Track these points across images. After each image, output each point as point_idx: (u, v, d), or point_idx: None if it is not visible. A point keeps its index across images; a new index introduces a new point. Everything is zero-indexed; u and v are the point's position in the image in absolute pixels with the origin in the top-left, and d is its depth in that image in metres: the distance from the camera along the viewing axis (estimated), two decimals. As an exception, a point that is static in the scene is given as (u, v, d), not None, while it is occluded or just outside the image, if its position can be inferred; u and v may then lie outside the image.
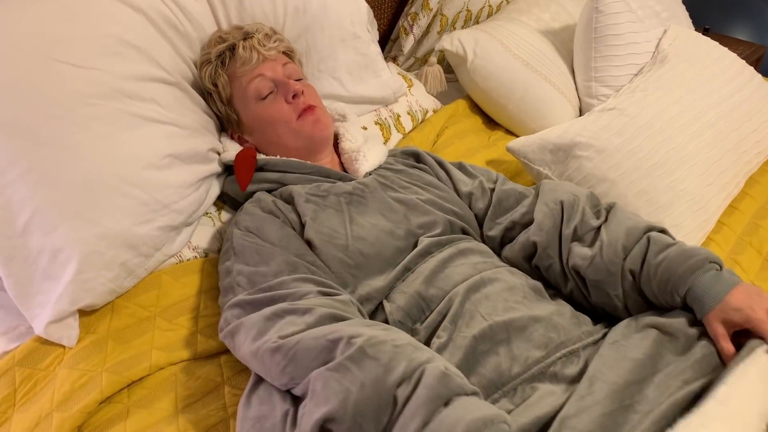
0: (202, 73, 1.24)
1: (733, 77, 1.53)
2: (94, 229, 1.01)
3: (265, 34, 1.24)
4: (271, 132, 1.22)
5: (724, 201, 1.38)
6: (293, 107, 1.20)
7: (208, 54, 1.23)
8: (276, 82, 1.21)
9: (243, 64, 1.20)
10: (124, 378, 1.00)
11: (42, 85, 1.01)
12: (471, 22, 1.95)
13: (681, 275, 0.91)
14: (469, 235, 1.16)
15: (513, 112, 1.69)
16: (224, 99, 1.24)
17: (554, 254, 1.06)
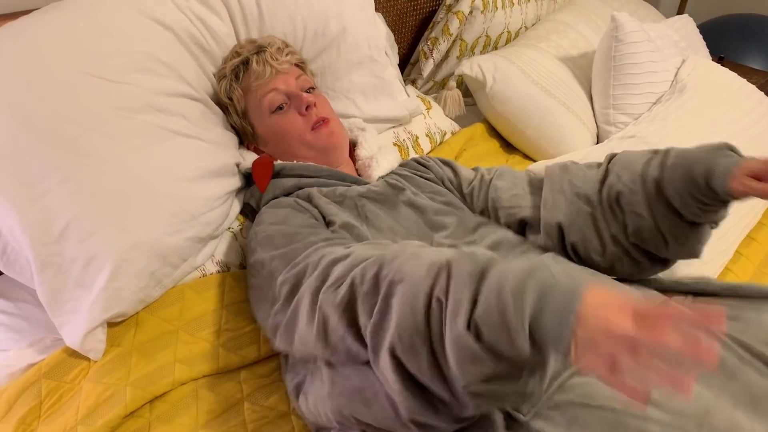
0: (219, 88, 1.28)
1: (752, 109, 1.54)
2: (127, 238, 1.03)
3: (278, 47, 1.27)
4: (286, 143, 1.25)
5: (742, 231, 1.39)
6: (306, 119, 1.22)
7: (224, 68, 1.27)
8: (289, 94, 1.23)
9: (257, 78, 1.23)
10: (148, 393, 1.01)
11: (79, 99, 1.03)
12: (490, 48, 1.97)
13: (698, 159, 0.95)
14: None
15: (531, 136, 1.70)
16: (239, 112, 1.27)
17: (589, 229, 1.06)
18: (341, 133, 1.26)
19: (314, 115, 1.22)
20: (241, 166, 1.27)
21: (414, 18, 1.94)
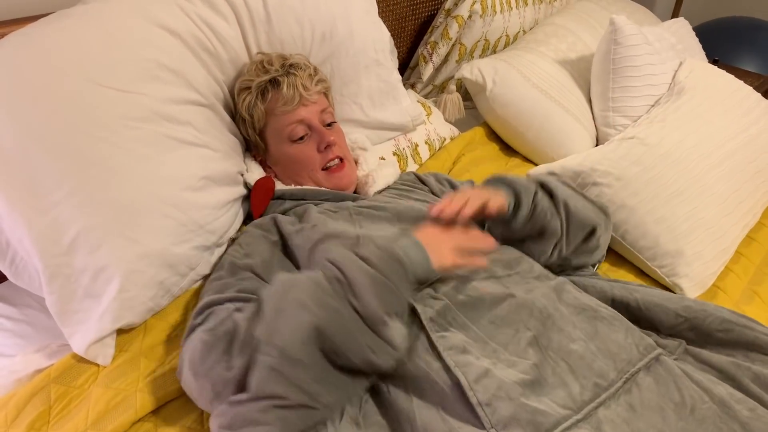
0: (238, 100, 1.27)
1: (750, 109, 1.56)
2: (136, 249, 1.03)
3: (309, 74, 1.26)
4: (295, 171, 1.27)
5: (742, 231, 1.40)
6: (322, 156, 1.25)
7: (249, 81, 1.25)
8: (312, 128, 1.25)
9: (284, 103, 1.23)
10: (156, 399, 1.01)
11: (87, 109, 1.04)
12: (489, 52, 1.99)
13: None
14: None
15: (531, 140, 1.71)
16: (257, 129, 1.28)
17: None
18: (351, 174, 1.29)
19: (332, 153, 1.25)
20: (245, 177, 1.28)
21: (413, 22, 1.95)
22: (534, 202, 1.12)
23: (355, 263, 0.90)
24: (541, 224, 1.13)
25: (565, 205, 1.15)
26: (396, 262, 0.91)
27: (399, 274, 0.91)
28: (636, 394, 0.89)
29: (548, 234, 1.14)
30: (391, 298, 0.89)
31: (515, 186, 1.12)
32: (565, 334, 0.95)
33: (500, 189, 1.11)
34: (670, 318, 1.06)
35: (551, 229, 1.14)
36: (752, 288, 1.34)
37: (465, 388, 0.86)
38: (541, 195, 1.14)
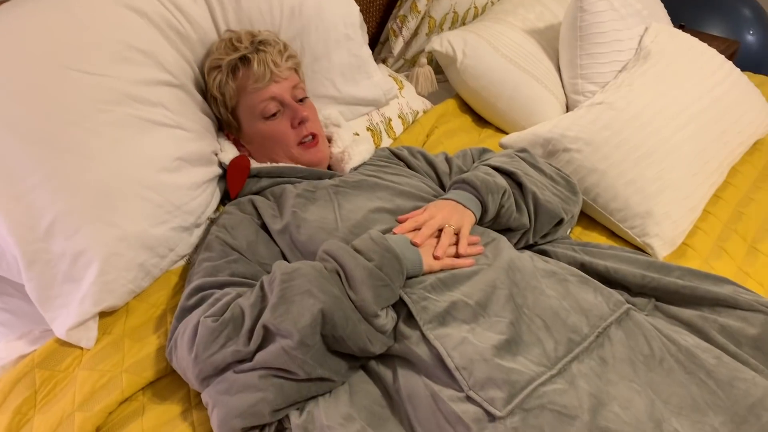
0: (209, 79, 1.27)
1: (714, 71, 1.59)
2: (114, 232, 1.04)
3: (279, 50, 1.26)
4: (270, 148, 1.27)
5: (709, 190, 1.44)
6: (296, 132, 1.25)
7: (219, 60, 1.25)
8: (284, 104, 1.25)
9: (255, 80, 1.23)
10: (143, 379, 1.03)
11: (57, 93, 1.03)
12: (458, 24, 1.99)
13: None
14: None
15: (503, 110, 1.73)
16: (229, 107, 1.27)
17: None
18: (325, 150, 1.31)
19: (305, 129, 1.25)
20: (219, 157, 1.28)
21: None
22: (501, 204, 1.15)
23: (352, 256, 0.94)
24: (506, 224, 1.17)
25: (534, 199, 1.17)
26: (393, 258, 0.95)
27: (395, 270, 0.95)
28: (608, 347, 0.92)
29: (515, 228, 1.18)
30: (386, 292, 0.93)
31: (481, 192, 1.13)
32: (539, 291, 0.98)
33: (465, 195, 1.14)
34: (637, 279, 1.10)
35: (517, 225, 1.18)
36: (720, 245, 1.38)
37: (443, 356, 0.89)
38: (509, 194, 1.16)
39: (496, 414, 0.81)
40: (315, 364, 0.89)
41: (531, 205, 1.18)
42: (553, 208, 1.19)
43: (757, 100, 1.63)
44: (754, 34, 3.08)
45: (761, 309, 1.01)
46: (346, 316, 0.90)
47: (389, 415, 0.93)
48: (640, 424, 0.81)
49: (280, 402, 0.89)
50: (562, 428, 0.80)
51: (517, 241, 1.20)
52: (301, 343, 0.87)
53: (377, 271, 0.93)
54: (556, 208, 1.20)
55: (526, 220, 1.18)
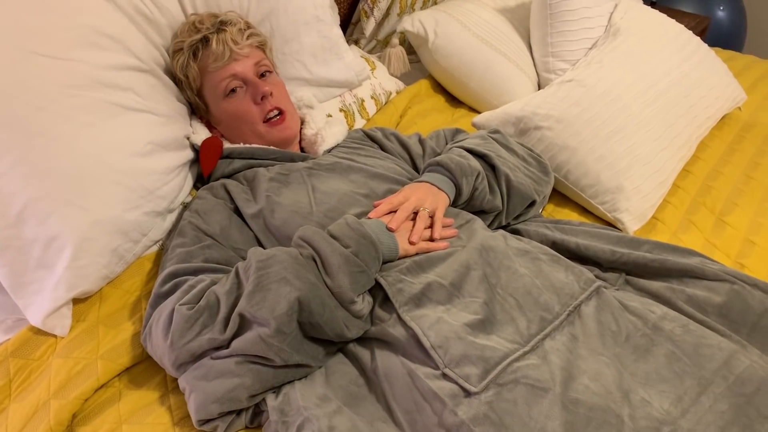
0: (173, 62, 1.26)
1: (682, 47, 1.61)
2: (87, 217, 1.03)
3: (239, 28, 1.25)
4: (237, 128, 1.27)
5: (678, 164, 1.46)
6: (260, 108, 1.24)
7: (181, 42, 1.25)
8: (246, 81, 1.24)
9: (215, 59, 1.22)
10: (118, 365, 1.03)
11: (25, 78, 1.02)
12: (430, 3, 1.99)
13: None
14: None
15: (475, 89, 1.74)
16: (194, 89, 1.27)
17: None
18: (294, 126, 1.29)
19: (269, 104, 1.24)
20: (191, 139, 1.27)
21: (352, -23, 1.93)
22: (474, 186, 1.16)
23: (328, 243, 0.94)
24: (480, 206, 1.19)
25: (507, 181, 1.19)
26: (369, 244, 0.97)
27: (371, 255, 0.96)
28: (578, 324, 0.95)
29: (488, 210, 1.20)
30: (362, 278, 0.95)
31: (455, 175, 1.14)
32: (512, 271, 1.00)
33: (440, 180, 1.14)
34: (607, 255, 1.12)
35: (490, 207, 1.20)
36: (688, 218, 1.41)
37: (419, 335, 0.91)
38: (483, 177, 1.18)
39: (471, 390, 0.83)
40: (292, 351, 0.90)
41: (504, 187, 1.20)
42: (525, 189, 1.21)
43: (724, 74, 1.65)
44: (725, 10, 3.11)
45: (726, 278, 1.04)
46: (323, 303, 0.91)
47: (366, 394, 0.95)
48: (609, 394, 0.84)
49: (258, 387, 0.90)
50: (535, 401, 0.82)
51: (491, 223, 1.22)
52: (278, 331, 0.88)
53: (353, 257, 0.94)
54: (529, 189, 1.22)
55: (499, 202, 1.20)
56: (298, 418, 0.87)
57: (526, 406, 0.82)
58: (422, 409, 0.87)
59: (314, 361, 0.95)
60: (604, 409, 0.81)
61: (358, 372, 0.98)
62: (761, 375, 0.88)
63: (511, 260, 1.03)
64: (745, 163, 1.59)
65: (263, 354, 0.89)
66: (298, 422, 0.87)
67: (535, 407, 0.81)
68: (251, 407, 0.93)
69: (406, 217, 1.06)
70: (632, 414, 0.82)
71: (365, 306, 0.96)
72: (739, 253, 1.31)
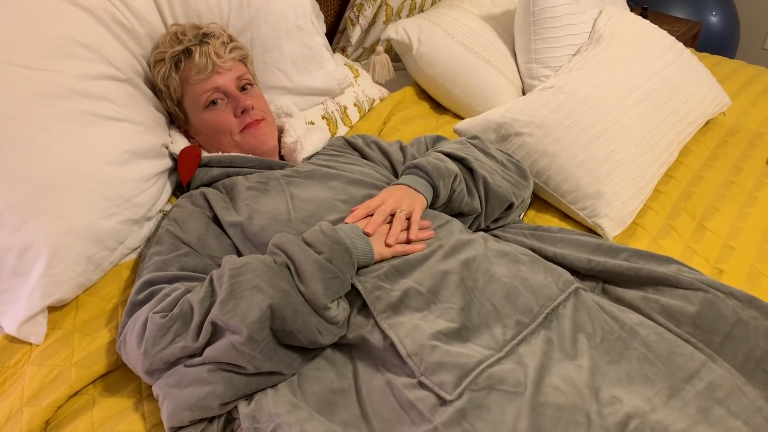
0: (154, 72, 1.27)
1: (664, 53, 1.61)
2: (61, 225, 1.04)
3: (222, 41, 1.26)
4: (215, 138, 1.28)
5: (659, 169, 1.46)
6: (239, 121, 1.25)
7: (163, 53, 1.25)
8: (227, 94, 1.25)
9: (198, 72, 1.23)
10: (93, 372, 1.03)
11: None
12: (416, 11, 2.00)
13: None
14: None
15: (459, 96, 1.74)
16: (174, 99, 1.28)
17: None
18: (270, 133, 1.30)
19: (249, 118, 1.25)
20: (170, 148, 1.28)
21: (338, -14, 1.94)
22: (452, 189, 1.17)
23: (301, 249, 0.95)
24: (458, 208, 1.20)
25: (485, 184, 1.20)
26: (343, 250, 0.97)
27: (345, 261, 0.96)
28: (555, 326, 0.95)
29: (466, 212, 1.21)
30: (336, 284, 0.95)
31: (432, 177, 1.15)
32: (490, 274, 1.01)
33: (416, 182, 1.15)
34: (584, 264, 1.13)
35: (469, 209, 1.20)
36: (669, 223, 1.41)
37: (396, 343, 0.92)
38: (460, 179, 1.18)
39: (446, 397, 0.84)
40: (264, 358, 0.90)
41: (482, 190, 1.20)
42: (503, 192, 1.22)
43: (706, 80, 1.66)
44: (717, 15, 3.11)
45: (700, 287, 1.04)
46: (295, 310, 0.91)
47: (339, 400, 0.95)
48: (579, 393, 0.84)
49: (230, 395, 0.91)
50: (507, 405, 0.83)
51: (470, 225, 1.23)
52: (250, 339, 0.89)
53: (327, 263, 0.94)
54: (507, 192, 1.22)
55: (477, 205, 1.20)
56: (269, 425, 0.88)
57: (499, 411, 0.82)
58: (400, 418, 0.88)
59: (287, 369, 0.95)
60: (571, 408, 0.82)
61: (335, 377, 0.98)
62: (732, 383, 0.88)
63: (489, 262, 1.03)
64: (727, 168, 1.59)
65: (235, 362, 0.90)
66: (269, 429, 0.87)
67: (508, 411, 0.82)
68: (224, 415, 0.94)
69: (383, 220, 1.07)
70: (600, 411, 0.82)
71: (341, 312, 0.96)
72: (718, 258, 1.31)
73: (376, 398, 0.92)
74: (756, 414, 0.85)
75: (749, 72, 2.08)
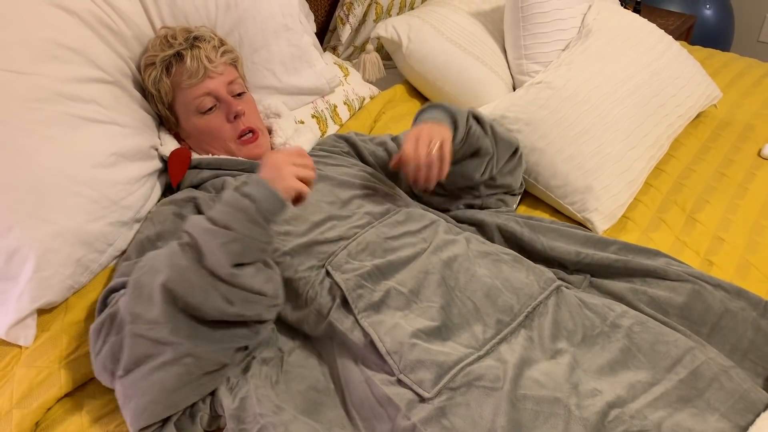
0: (144, 76, 1.26)
1: (653, 46, 1.61)
2: (48, 228, 1.04)
3: (213, 45, 1.25)
4: (207, 143, 1.28)
5: (648, 163, 1.46)
6: (233, 127, 1.25)
7: (153, 57, 1.24)
8: (219, 99, 1.24)
9: (189, 76, 1.22)
10: (82, 375, 1.04)
11: None
12: (406, 9, 2.00)
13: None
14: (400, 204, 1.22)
15: (449, 93, 1.74)
16: (165, 103, 1.27)
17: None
18: (265, 145, 1.30)
19: (242, 123, 1.25)
20: (159, 150, 1.28)
21: (328, -15, 1.94)
22: (468, 124, 1.19)
23: (201, 225, 0.91)
24: (475, 144, 1.21)
25: (492, 128, 1.24)
26: (240, 212, 0.91)
27: (245, 223, 0.90)
28: (536, 324, 0.96)
29: (481, 152, 1.23)
30: (237, 247, 0.89)
31: (451, 110, 1.18)
32: (471, 273, 1.01)
33: (438, 115, 1.18)
34: (572, 256, 1.14)
35: (484, 147, 1.22)
36: (659, 216, 1.41)
37: (375, 341, 0.92)
38: (473, 117, 1.22)
39: (424, 395, 0.84)
40: (178, 339, 0.87)
41: (490, 133, 1.25)
42: (509, 137, 1.29)
43: (696, 73, 1.66)
44: (711, 8, 3.11)
45: (688, 279, 1.05)
46: (191, 283, 0.87)
47: (326, 400, 0.95)
48: (558, 386, 0.84)
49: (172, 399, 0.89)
50: (486, 401, 0.83)
51: (483, 171, 1.26)
52: (144, 320, 0.87)
53: (222, 230, 0.89)
54: (511, 137, 1.30)
55: (490, 144, 1.24)
56: (255, 426, 0.88)
57: (478, 408, 0.82)
58: (379, 415, 0.88)
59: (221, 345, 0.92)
60: (550, 401, 0.82)
61: (320, 376, 0.99)
62: (715, 371, 0.88)
63: (471, 262, 1.03)
64: (718, 160, 1.59)
65: (143, 350, 0.87)
66: (255, 430, 0.87)
67: (486, 407, 0.82)
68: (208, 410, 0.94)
69: (427, 147, 1.09)
70: (579, 403, 0.82)
71: (259, 277, 0.92)
72: (708, 250, 1.31)
73: (356, 398, 0.93)
74: (740, 400, 0.85)
75: (741, 64, 2.08)
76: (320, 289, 1.03)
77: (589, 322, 0.96)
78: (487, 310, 0.96)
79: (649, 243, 1.32)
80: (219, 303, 0.88)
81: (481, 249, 1.08)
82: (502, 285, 1.00)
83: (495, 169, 1.28)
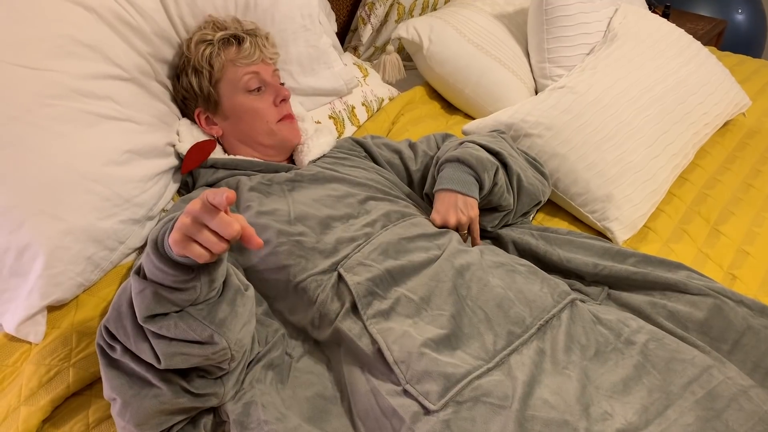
0: (196, 51, 1.26)
1: (680, 52, 1.57)
2: (59, 225, 1.04)
3: (266, 36, 1.30)
4: (248, 124, 1.27)
5: (672, 172, 1.42)
6: (277, 110, 1.27)
7: (210, 35, 1.26)
8: (267, 83, 1.27)
9: (246, 57, 1.25)
10: (90, 374, 1.03)
11: None
12: (428, 10, 1.98)
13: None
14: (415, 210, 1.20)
15: (470, 96, 1.72)
16: (212, 80, 1.27)
17: None
18: (299, 133, 1.31)
19: (285, 108, 1.28)
20: (176, 147, 1.28)
21: (351, -16, 1.93)
22: (494, 181, 1.17)
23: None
24: (496, 203, 1.20)
25: (518, 180, 1.21)
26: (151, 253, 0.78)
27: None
28: (548, 338, 0.93)
29: (500, 209, 1.22)
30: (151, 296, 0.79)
31: (477, 170, 1.16)
32: (484, 282, 0.99)
33: (464, 177, 1.16)
34: (590, 268, 1.11)
35: (504, 205, 1.21)
36: (682, 227, 1.37)
37: (383, 349, 0.91)
38: (501, 172, 1.19)
39: (430, 407, 0.82)
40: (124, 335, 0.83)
41: (515, 186, 1.21)
42: (534, 190, 1.24)
43: (725, 80, 1.61)
44: (743, 13, 3.04)
45: (709, 293, 1.01)
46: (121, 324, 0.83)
47: (332, 408, 0.94)
48: (568, 407, 0.82)
49: (159, 419, 0.88)
50: (492, 418, 0.81)
51: (498, 222, 1.24)
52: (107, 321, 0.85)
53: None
54: (537, 190, 1.25)
55: (512, 200, 1.21)
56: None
57: (484, 425, 0.80)
58: (384, 427, 0.86)
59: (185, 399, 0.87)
60: (559, 423, 0.79)
61: (328, 384, 0.97)
62: (734, 391, 0.85)
63: (484, 271, 1.01)
64: (745, 171, 1.55)
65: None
66: None
67: (493, 425, 0.80)
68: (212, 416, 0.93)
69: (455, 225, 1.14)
70: (589, 428, 0.80)
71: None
72: (731, 263, 1.27)
73: (362, 408, 0.91)
74: (760, 422, 0.81)
75: (772, 71, 2.02)
76: (331, 292, 1.01)
77: (603, 338, 0.94)
78: (499, 321, 0.94)
79: (670, 254, 1.29)
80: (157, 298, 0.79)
81: (495, 259, 1.06)
82: (515, 296, 0.98)
83: (510, 221, 1.26)
